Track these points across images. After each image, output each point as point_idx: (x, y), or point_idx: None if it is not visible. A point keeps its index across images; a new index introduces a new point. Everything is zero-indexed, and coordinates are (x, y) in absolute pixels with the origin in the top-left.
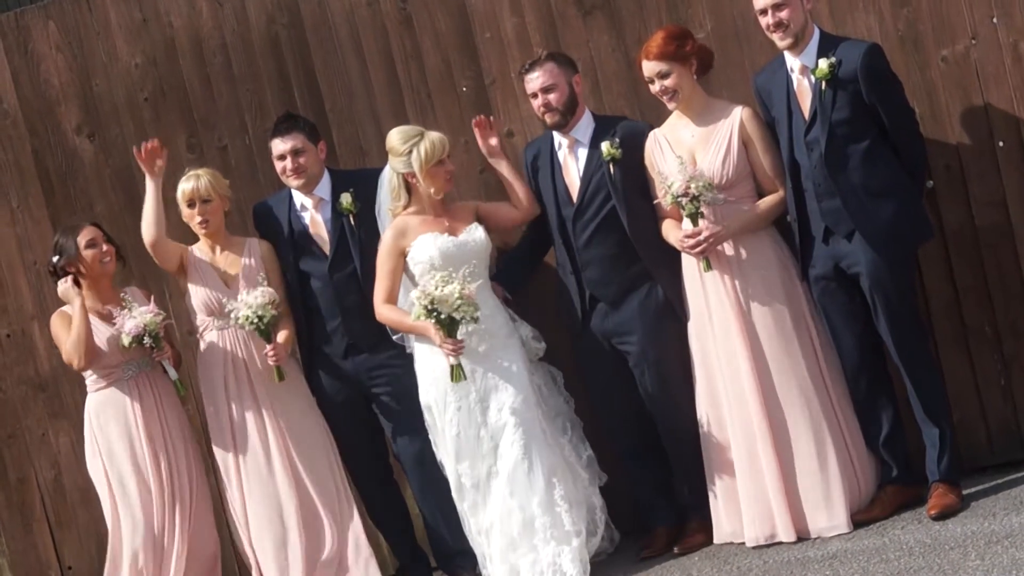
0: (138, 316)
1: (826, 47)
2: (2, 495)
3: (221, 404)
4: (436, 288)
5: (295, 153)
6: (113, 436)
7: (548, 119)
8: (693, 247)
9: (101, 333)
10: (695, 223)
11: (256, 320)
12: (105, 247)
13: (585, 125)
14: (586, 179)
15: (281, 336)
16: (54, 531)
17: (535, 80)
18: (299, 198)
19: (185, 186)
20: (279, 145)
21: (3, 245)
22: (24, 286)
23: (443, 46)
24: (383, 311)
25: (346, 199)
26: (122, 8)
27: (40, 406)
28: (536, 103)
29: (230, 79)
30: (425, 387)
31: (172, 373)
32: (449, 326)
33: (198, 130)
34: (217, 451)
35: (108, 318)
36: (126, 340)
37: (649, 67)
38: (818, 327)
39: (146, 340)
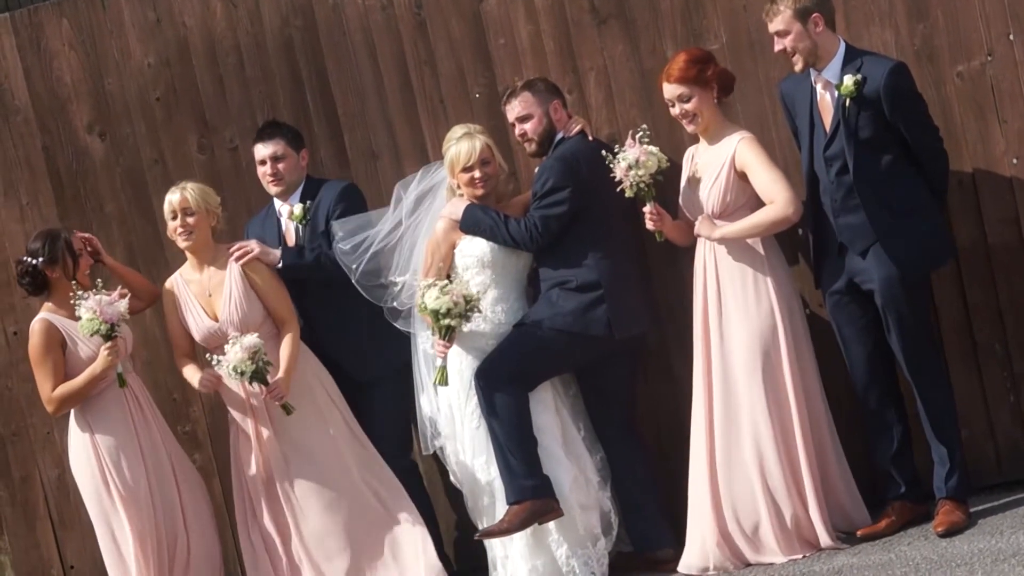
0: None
1: (850, 62)
2: (6, 493)
3: (240, 429)
4: (433, 296)
5: (275, 159)
6: (115, 438)
7: (527, 148)
8: (648, 222)
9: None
10: (644, 204)
11: (239, 376)
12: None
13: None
14: None
15: (281, 369)
16: (57, 530)
17: (512, 109)
18: (278, 205)
19: (170, 197)
20: (260, 150)
21: (12, 242)
22: None
23: (457, 52)
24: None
25: (298, 208)
26: (136, 7)
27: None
28: (516, 132)
29: (243, 80)
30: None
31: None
32: (445, 329)
33: (209, 131)
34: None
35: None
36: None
37: (670, 90)
38: (803, 349)
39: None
